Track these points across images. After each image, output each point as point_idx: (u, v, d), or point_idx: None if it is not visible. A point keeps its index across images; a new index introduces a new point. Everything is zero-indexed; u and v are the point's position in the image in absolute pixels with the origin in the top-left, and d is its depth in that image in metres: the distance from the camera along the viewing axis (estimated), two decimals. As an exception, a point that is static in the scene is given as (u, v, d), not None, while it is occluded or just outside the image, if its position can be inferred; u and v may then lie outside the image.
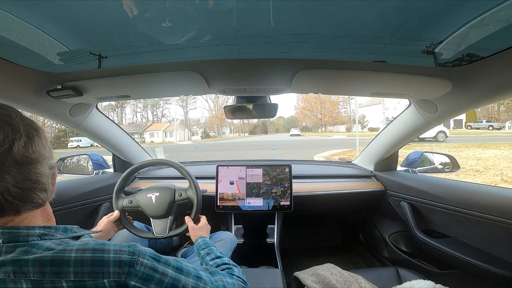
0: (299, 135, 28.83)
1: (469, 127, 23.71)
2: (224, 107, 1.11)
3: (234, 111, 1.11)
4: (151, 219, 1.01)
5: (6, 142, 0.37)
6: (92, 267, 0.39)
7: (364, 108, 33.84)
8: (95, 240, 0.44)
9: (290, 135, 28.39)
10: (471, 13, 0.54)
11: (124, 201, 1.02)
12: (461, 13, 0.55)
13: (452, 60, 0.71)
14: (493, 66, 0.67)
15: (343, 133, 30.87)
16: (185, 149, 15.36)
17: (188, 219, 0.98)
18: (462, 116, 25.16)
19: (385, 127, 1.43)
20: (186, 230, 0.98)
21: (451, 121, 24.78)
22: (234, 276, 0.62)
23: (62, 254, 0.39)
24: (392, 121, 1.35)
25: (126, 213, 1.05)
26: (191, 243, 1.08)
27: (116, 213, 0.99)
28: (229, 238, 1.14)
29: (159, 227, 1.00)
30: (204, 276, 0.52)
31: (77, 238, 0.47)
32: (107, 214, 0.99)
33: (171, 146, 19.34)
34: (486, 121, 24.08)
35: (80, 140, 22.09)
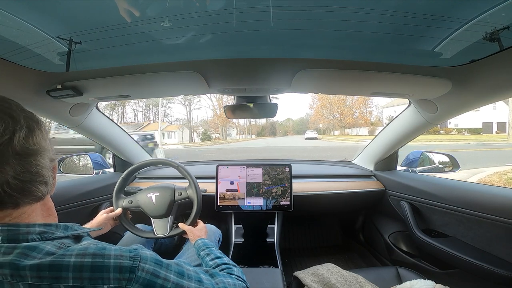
0: (316, 138, 25.17)
1: (517, 130, 19.27)
2: (224, 107, 1.11)
3: (234, 111, 1.11)
4: (151, 219, 1.01)
5: (6, 133, 0.37)
6: (91, 272, 0.38)
7: (388, 108, 29.29)
8: (96, 244, 0.43)
9: (305, 139, 24.51)
10: (471, 13, 0.55)
11: (124, 202, 1.02)
12: (461, 13, 0.55)
13: (452, 60, 0.72)
14: (493, 66, 0.67)
15: (367, 136, 24.77)
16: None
17: (182, 225, 0.98)
18: (505, 119, 19.56)
19: (385, 127, 1.43)
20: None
21: (494, 125, 20.95)
22: (233, 276, 0.62)
23: (62, 259, 0.38)
24: (392, 120, 1.35)
25: (128, 212, 1.05)
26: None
27: (118, 210, 0.99)
28: (211, 231, 1.14)
29: (160, 227, 1.00)
30: (205, 279, 0.52)
31: (77, 238, 0.46)
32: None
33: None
34: (538, 123, 19.00)
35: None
